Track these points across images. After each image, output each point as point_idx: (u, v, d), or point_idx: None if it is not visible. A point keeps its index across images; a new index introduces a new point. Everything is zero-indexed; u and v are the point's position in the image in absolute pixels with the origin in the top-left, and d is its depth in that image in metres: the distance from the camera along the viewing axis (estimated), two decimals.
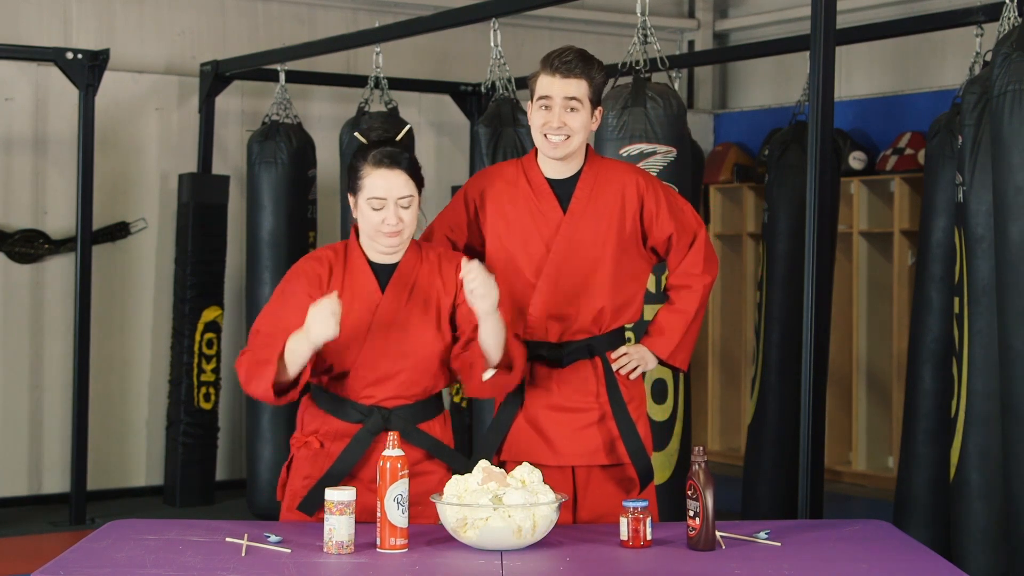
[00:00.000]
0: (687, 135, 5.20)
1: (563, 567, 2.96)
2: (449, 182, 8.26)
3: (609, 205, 3.58)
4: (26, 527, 6.75)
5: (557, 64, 3.51)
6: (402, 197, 3.31)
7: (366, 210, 3.32)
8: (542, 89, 3.54)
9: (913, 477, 5.71)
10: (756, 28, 8.95)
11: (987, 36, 5.28)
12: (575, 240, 3.56)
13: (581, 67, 3.52)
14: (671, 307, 3.69)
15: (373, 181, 3.31)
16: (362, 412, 3.37)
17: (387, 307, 3.35)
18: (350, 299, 3.32)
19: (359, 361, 3.34)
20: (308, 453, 3.41)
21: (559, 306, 3.56)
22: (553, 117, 3.51)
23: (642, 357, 3.65)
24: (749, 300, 8.04)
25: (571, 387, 3.59)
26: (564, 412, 3.58)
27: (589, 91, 3.53)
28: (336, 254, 3.41)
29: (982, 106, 4.59)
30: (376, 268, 3.39)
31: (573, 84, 3.51)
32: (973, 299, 4.68)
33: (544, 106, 3.53)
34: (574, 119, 3.52)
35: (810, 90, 4.37)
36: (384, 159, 3.31)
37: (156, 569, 2.89)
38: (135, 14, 7.60)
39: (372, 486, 3.24)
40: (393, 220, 3.30)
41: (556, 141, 3.52)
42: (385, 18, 7.76)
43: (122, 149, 7.49)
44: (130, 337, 7.56)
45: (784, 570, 2.91)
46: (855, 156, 7.60)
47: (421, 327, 3.36)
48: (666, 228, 3.62)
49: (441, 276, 3.41)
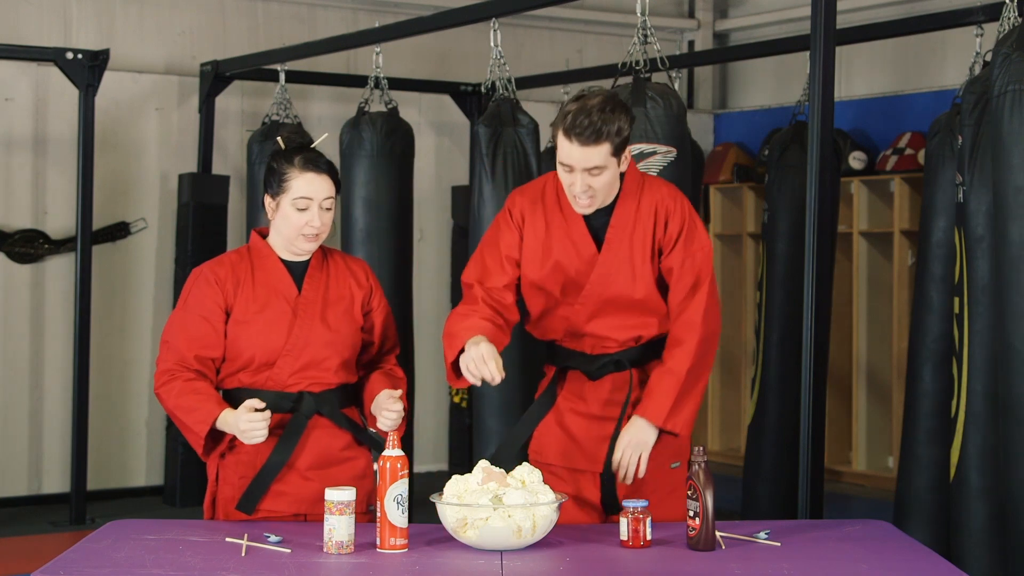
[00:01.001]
0: (687, 135, 5.20)
1: (563, 567, 2.96)
2: (449, 182, 8.26)
3: (643, 234, 3.49)
4: (26, 527, 6.75)
5: (577, 131, 3.32)
6: (326, 198, 3.44)
7: (290, 212, 3.42)
8: (562, 154, 3.37)
9: (913, 477, 5.70)
10: (756, 28, 8.96)
11: (987, 36, 5.28)
12: (610, 275, 3.50)
13: (602, 134, 3.32)
14: (662, 367, 3.48)
15: (300, 184, 3.42)
16: (291, 399, 3.44)
17: (307, 300, 3.46)
18: (266, 294, 3.44)
19: (284, 350, 3.42)
20: (238, 457, 3.46)
21: (593, 327, 3.55)
22: (576, 181, 3.38)
23: (640, 442, 3.44)
24: (749, 300, 8.04)
25: (602, 398, 3.58)
26: (593, 420, 3.58)
27: (612, 149, 3.35)
28: (240, 256, 3.51)
29: (982, 106, 4.59)
30: (288, 265, 3.50)
31: (594, 152, 3.34)
32: (973, 299, 4.68)
33: (567, 169, 3.38)
34: (599, 181, 3.38)
35: (810, 90, 4.37)
36: (310, 163, 3.44)
37: (156, 569, 2.89)
38: (135, 14, 7.60)
39: (308, 474, 3.42)
40: (317, 222, 3.43)
41: (583, 203, 3.43)
42: (385, 18, 7.77)
43: (122, 149, 7.50)
44: (130, 337, 7.56)
45: (784, 570, 2.91)
46: (855, 156, 7.60)
47: (339, 316, 3.49)
48: (674, 259, 3.49)
49: (352, 274, 3.55)
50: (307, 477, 3.44)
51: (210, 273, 3.46)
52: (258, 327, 3.42)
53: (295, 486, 3.44)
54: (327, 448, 3.47)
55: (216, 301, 3.42)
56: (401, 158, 6.68)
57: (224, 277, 3.45)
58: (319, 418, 3.46)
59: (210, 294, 3.43)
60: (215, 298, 3.43)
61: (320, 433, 3.47)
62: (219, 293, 3.43)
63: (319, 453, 3.46)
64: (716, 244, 8.33)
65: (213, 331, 3.42)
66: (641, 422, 3.45)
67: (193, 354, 3.42)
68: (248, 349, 3.42)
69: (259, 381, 3.45)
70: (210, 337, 3.42)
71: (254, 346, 3.42)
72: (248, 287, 3.45)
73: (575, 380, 3.60)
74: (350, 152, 6.63)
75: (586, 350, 3.57)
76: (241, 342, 3.42)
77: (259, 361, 3.43)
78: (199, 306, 3.43)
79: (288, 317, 3.44)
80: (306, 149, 3.47)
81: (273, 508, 3.43)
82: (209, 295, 3.43)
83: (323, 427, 3.47)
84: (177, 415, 3.42)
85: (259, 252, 3.50)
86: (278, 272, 3.48)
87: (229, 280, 3.44)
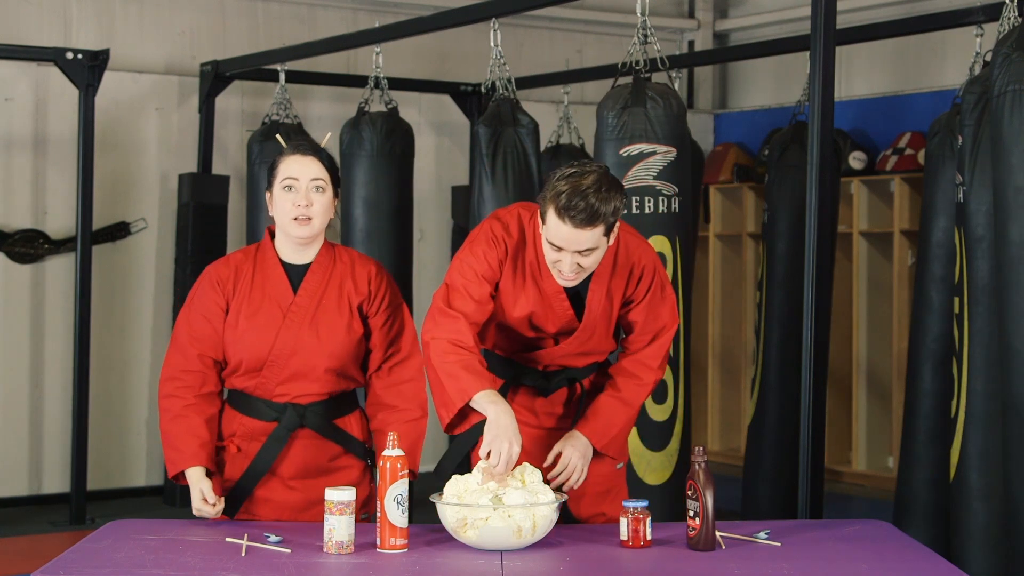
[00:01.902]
0: (687, 135, 5.20)
1: (563, 567, 2.96)
2: (449, 182, 8.26)
3: (618, 292, 3.45)
4: (26, 527, 6.75)
5: (571, 214, 3.17)
6: (315, 179, 3.38)
7: (279, 196, 3.39)
8: (552, 234, 3.23)
9: (913, 477, 5.71)
10: (756, 28, 8.95)
11: (987, 36, 5.28)
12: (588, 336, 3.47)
13: (598, 216, 3.18)
14: (617, 395, 3.47)
15: (285, 165, 3.40)
16: (277, 410, 3.43)
17: (299, 306, 3.42)
18: (261, 298, 3.42)
19: (270, 359, 3.40)
20: (225, 458, 3.46)
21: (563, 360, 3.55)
22: (565, 260, 3.25)
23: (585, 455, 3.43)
24: (749, 300, 8.04)
25: (554, 412, 3.58)
26: (542, 430, 3.57)
27: (605, 230, 3.23)
28: (246, 256, 3.49)
29: (982, 106, 4.59)
30: (289, 268, 3.46)
31: (587, 235, 3.20)
32: (973, 299, 4.68)
33: (556, 248, 3.26)
34: (588, 260, 3.27)
35: (810, 90, 4.37)
36: (297, 147, 3.42)
37: (156, 569, 2.89)
38: (135, 14, 7.59)
39: (291, 483, 3.42)
40: (303, 201, 3.36)
41: (568, 279, 3.33)
42: (385, 18, 7.76)
43: (122, 149, 7.49)
44: (130, 337, 7.55)
45: (784, 570, 2.91)
46: (855, 156, 7.60)
47: (333, 326, 3.42)
48: (637, 316, 3.48)
49: (353, 278, 3.47)
50: (290, 487, 3.43)
51: (214, 272, 3.46)
52: (247, 331, 3.40)
53: (278, 494, 3.44)
54: (312, 459, 3.44)
55: (216, 302, 3.43)
56: (401, 158, 6.69)
57: (226, 278, 3.44)
58: (305, 429, 3.44)
59: (211, 295, 3.44)
60: (215, 299, 3.43)
61: (305, 443, 3.44)
62: (219, 294, 3.43)
63: (302, 464, 3.44)
64: (716, 244, 8.33)
65: (214, 332, 3.43)
66: (584, 440, 3.45)
67: (196, 352, 3.42)
68: (237, 353, 3.42)
69: (250, 387, 3.44)
70: (212, 338, 3.43)
71: (242, 351, 3.41)
72: (246, 289, 3.44)
73: (526, 394, 3.57)
74: (350, 152, 6.63)
75: (540, 367, 3.55)
76: (231, 345, 3.42)
77: (247, 366, 3.42)
78: (202, 306, 3.44)
79: (278, 323, 3.40)
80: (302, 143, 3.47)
81: (256, 513, 3.45)
82: (211, 296, 3.44)
83: (308, 438, 3.44)
84: (164, 437, 3.45)
85: (264, 252, 3.48)
86: (275, 274, 3.45)
87: (230, 281, 3.44)
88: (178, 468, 3.39)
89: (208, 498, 3.32)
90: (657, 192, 5.03)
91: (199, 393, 3.42)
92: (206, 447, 3.38)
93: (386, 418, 3.46)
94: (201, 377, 3.43)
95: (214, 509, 3.32)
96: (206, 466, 3.37)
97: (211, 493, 3.33)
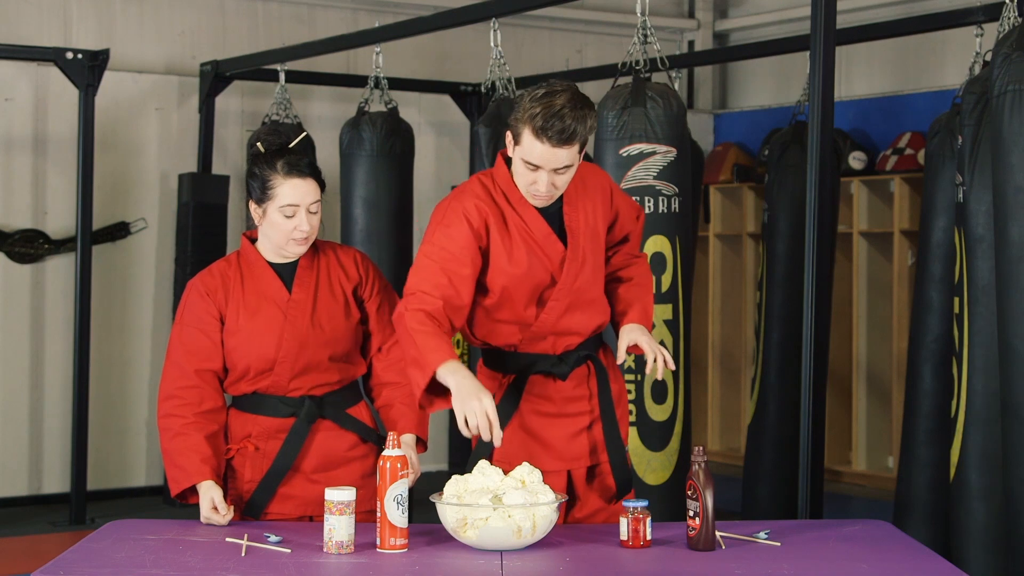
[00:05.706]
0: (687, 135, 5.20)
1: (563, 567, 2.96)
2: (449, 182, 8.26)
3: (597, 221, 3.49)
4: (26, 527, 6.75)
5: (549, 133, 3.23)
6: (313, 203, 3.42)
7: (277, 218, 3.41)
8: (528, 153, 3.28)
9: (913, 477, 5.71)
10: (756, 28, 8.96)
11: (987, 36, 5.28)
12: (578, 266, 3.47)
13: (575, 135, 3.26)
14: (632, 283, 3.60)
15: (285, 190, 3.39)
16: (293, 404, 3.45)
17: (297, 302, 3.45)
18: (257, 300, 3.44)
19: (280, 357, 3.42)
20: (243, 459, 3.46)
21: (564, 324, 3.51)
22: (541, 179, 3.31)
23: (650, 340, 3.45)
24: (749, 300, 8.04)
25: (569, 396, 3.56)
26: (558, 418, 3.55)
27: (580, 147, 3.31)
28: (228, 264, 3.51)
29: (982, 106, 4.59)
30: (277, 268, 3.49)
31: (564, 153, 3.27)
32: (973, 299, 4.68)
33: (532, 167, 3.31)
34: (563, 179, 3.34)
35: (810, 90, 4.37)
36: (294, 168, 3.40)
37: (156, 569, 2.89)
38: (135, 14, 7.60)
39: (314, 476, 3.44)
40: (306, 227, 3.41)
41: (543, 199, 3.38)
42: (385, 18, 7.77)
43: (122, 149, 7.50)
44: (130, 337, 7.56)
45: (784, 570, 2.91)
46: (855, 156, 7.60)
47: (333, 315, 3.47)
48: (626, 227, 3.61)
49: (341, 266, 3.53)
50: (313, 480, 3.45)
51: (201, 284, 3.47)
52: (249, 334, 3.41)
53: (301, 489, 3.45)
54: (332, 450, 3.48)
55: (209, 312, 3.43)
56: (401, 158, 6.69)
57: (214, 287, 3.45)
58: (323, 421, 3.47)
59: (203, 306, 3.44)
60: (208, 309, 3.43)
61: (325, 435, 3.47)
62: (211, 304, 3.43)
63: (324, 455, 3.47)
64: (716, 244, 8.33)
65: (210, 343, 3.43)
66: (640, 327, 3.49)
67: (193, 368, 3.42)
68: (243, 358, 3.42)
69: (261, 388, 3.46)
70: (208, 350, 3.43)
71: (248, 355, 3.42)
72: (238, 295, 3.44)
73: (540, 385, 3.54)
74: (350, 152, 6.64)
75: (549, 351, 3.52)
76: (235, 352, 3.42)
77: (256, 369, 3.43)
78: (194, 319, 3.44)
79: (279, 322, 3.43)
80: (287, 152, 3.43)
81: (280, 511, 3.45)
82: (202, 307, 3.44)
83: (327, 429, 3.48)
84: (165, 456, 3.44)
85: (248, 258, 3.49)
86: (267, 277, 3.47)
87: (219, 290, 3.45)
88: (183, 486, 3.37)
89: (219, 508, 3.31)
90: (657, 192, 5.03)
91: (198, 411, 3.41)
92: (209, 462, 3.37)
93: (391, 394, 3.53)
94: (199, 393, 3.42)
95: (224, 518, 3.31)
96: (212, 479, 3.36)
97: (222, 502, 3.32)
